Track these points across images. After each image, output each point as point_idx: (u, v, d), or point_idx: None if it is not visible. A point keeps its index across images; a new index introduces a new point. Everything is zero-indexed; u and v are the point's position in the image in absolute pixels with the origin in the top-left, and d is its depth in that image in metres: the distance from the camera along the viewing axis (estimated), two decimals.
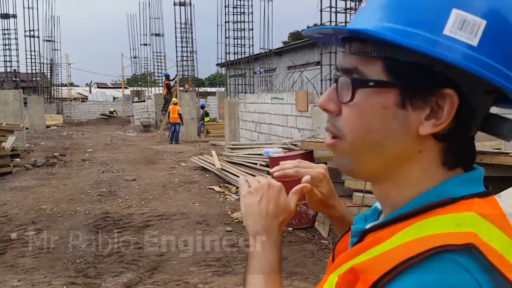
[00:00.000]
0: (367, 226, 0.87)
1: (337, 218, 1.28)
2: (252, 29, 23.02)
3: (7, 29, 30.33)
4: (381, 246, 0.78)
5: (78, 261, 6.49)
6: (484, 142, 7.66)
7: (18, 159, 14.91)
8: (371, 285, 0.72)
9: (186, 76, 31.84)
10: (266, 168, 10.09)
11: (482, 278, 0.69)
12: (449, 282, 0.68)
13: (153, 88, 42.15)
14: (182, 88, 27.99)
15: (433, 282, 0.68)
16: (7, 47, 30.49)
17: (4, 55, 30.64)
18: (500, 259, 0.72)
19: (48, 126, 30.79)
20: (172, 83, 29.32)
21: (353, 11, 11.93)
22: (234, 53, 22.59)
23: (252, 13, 22.76)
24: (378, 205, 1.01)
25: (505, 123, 0.85)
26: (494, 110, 0.86)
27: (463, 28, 0.76)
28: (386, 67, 0.80)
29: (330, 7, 11.48)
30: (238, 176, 11.03)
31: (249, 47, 22.90)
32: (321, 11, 11.58)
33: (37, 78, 34.73)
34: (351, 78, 0.82)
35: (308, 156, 8.09)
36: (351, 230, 0.98)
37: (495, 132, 0.85)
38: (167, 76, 30.42)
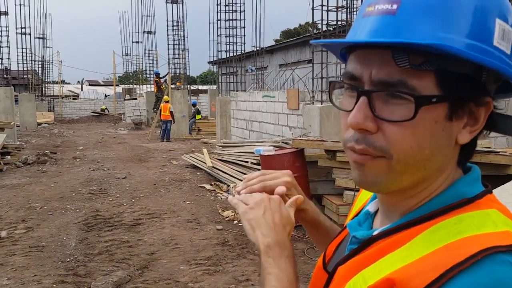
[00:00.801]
0: (375, 233, 0.87)
1: (309, 220, 1.26)
2: (244, 27, 22.97)
3: None
4: (405, 249, 0.78)
5: (68, 259, 6.47)
6: None
7: (8, 157, 14.84)
8: None
9: (177, 74, 31.73)
10: (258, 166, 10.10)
11: None
12: (506, 283, 0.67)
13: (144, 86, 41.99)
14: (173, 86, 27.92)
15: (489, 285, 0.67)
16: None
17: None
18: None
19: (39, 124, 30.66)
20: (162, 80, 29.27)
21: (345, 9, 11.92)
22: (226, 51, 22.52)
23: (244, 11, 22.70)
24: (370, 208, 1.00)
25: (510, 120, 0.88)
26: None
27: (504, 38, 0.79)
28: (439, 80, 0.77)
29: (322, 5, 11.46)
30: (229, 174, 11.04)
31: (241, 45, 22.84)
32: (312, 9, 11.57)
33: (29, 76, 34.50)
34: (413, 96, 0.76)
35: (299, 154, 8.09)
36: (350, 236, 0.95)
37: (502, 130, 0.88)
38: (157, 74, 30.37)
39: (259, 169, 9.97)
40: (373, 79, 0.79)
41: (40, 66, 39.37)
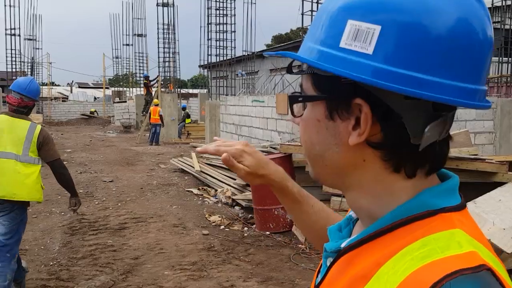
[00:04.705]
0: (343, 245, 0.86)
1: (275, 186, 1.30)
2: (235, 31, 23.02)
3: None
4: (374, 282, 0.75)
5: (51, 263, 6.40)
6: (461, 148, 7.70)
7: None
8: None
9: (168, 77, 31.68)
10: None
11: None
12: None
13: (134, 89, 41.91)
14: (163, 89, 27.83)
15: None
16: None
17: None
18: (503, 277, 0.71)
19: None
20: (151, 83, 29.21)
21: None
22: (216, 55, 22.55)
23: (234, 15, 22.76)
24: (352, 213, 0.99)
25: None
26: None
27: (357, 38, 0.75)
28: (313, 83, 0.84)
29: (312, 11, 11.50)
30: (217, 179, 10.99)
31: (232, 49, 22.89)
32: (302, 14, 11.60)
33: (18, 77, 34.32)
34: (288, 95, 0.87)
35: (287, 159, 8.07)
36: (324, 247, 0.94)
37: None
38: (146, 77, 30.33)
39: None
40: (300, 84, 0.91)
41: (29, 67, 39.18)
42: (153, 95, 27.13)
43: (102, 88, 50.65)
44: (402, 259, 0.73)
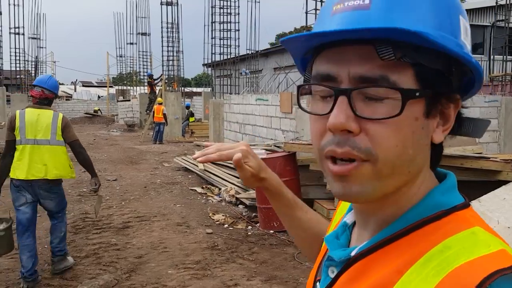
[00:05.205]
0: (353, 253, 0.82)
1: (272, 191, 1.28)
2: (239, 30, 23.00)
3: None
4: (390, 274, 0.73)
5: None
6: (465, 147, 7.68)
7: None
8: None
9: (172, 76, 31.67)
10: None
11: None
12: None
13: (138, 88, 41.94)
14: (167, 88, 27.84)
15: None
16: None
17: None
18: None
19: None
20: (155, 82, 29.23)
21: None
22: (220, 54, 22.53)
23: (238, 14, 22.74)
24: (347, 219, 0.94)
25: (470, 122, 0.85)
26: None
27: (467, 34, 0.78)
28: (417, 75, 0.73)
29: (316, 9, 11.47)
30: (221, 178, 10.98)
31: (235, 48, 22.88)
32: (306, 13, 11.58)
33: (21, 76, 34.34)
34: (399, 90, 0.71)
35: (291, 158, 8.04)
36: (327, 254, 0.89)
37: (464, 132, 0.85)
38: (150, 76, 30.32)
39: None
40: (352, 76, 0.73)
41: (33, 66, 39.21)
42: (157, 93, 27.14)
43: (106, 86, 50.76)
44: (427, 265, 0.70)
